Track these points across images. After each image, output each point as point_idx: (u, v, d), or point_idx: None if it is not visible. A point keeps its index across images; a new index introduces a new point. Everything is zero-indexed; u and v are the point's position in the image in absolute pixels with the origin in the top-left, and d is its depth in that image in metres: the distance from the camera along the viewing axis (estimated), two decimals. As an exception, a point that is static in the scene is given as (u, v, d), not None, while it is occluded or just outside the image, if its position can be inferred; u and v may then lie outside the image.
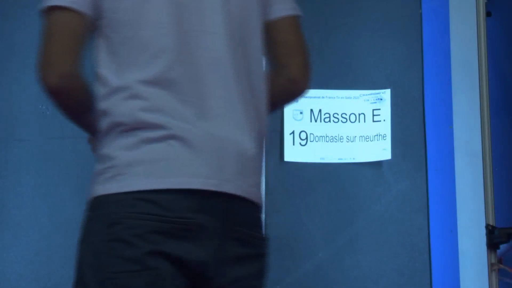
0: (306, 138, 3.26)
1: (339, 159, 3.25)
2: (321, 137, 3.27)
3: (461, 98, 3.28)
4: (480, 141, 3.23)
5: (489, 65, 3.28)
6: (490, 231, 3.14)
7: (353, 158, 3.25)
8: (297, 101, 1.90)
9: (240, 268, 1.60)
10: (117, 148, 1.59)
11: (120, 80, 1.61)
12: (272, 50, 1.80)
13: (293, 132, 3.25)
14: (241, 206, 1.60)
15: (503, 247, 3.17)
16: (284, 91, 1.80)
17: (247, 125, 1.64)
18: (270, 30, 1.79)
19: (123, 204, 1.54)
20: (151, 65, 1.60)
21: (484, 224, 3.16)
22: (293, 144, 3.25)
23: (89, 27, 1.66)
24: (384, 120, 3.27)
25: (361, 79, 3.31)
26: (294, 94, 1.82)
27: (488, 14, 3.36)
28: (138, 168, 1.55)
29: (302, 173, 3.24)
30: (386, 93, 3.29)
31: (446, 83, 3.30)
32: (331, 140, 3.26)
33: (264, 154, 1.72)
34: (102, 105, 1.63)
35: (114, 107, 1.61)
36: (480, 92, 3.26)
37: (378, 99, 3.29)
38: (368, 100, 3.29)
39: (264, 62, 1.78)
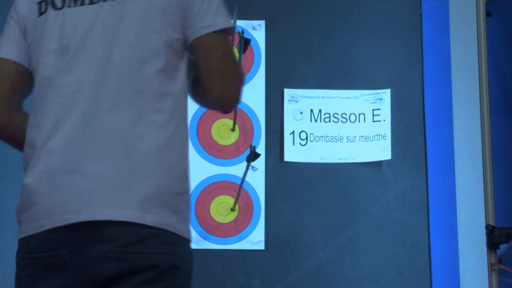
0: (306, 138, 3.26)
1: (339, 159, 3.25)
2: (321, 137, 3.27)
3: (461, 98, 3.28)
4: (480, 141, 3.23)
5: (489, 65, 3.28)
6: (490, 231, 3.14)
7: (353, 158, 3.25)
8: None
9: (122, 285, 1.68)
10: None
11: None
12: (197, 72, 1.87)
13: (293, 132, 3.25)
14: (106, 227, 1.68)
15: (503, 247, 3.18)
16: (213, 108, 1.94)
17: (113, 154, 1.71)
18: (192, 52, 1.85)
19: (19, 247, 1.82)
20: (37, 113, 1.79)
21: (484, 224, 3.17)
22: (293, 144, 3.25)
23: (28, 75, 1.89)
24: (384, 120, 3.27)
25: (361, 79, 3.31)
26: (222, 111, 1.92)
27: (488, 14, 3.36)
28: (18, 215, 1.82)
29: (302, 173, 3.24)
30: (386, 93, 3.29)
31: (446, 83, 3.29)
32: (331, 140, 3.26)
33: (152, 170, 1.74)
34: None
35: (23, 154, 1.82)
36: (480, 92, 3.26)
37: (378, 99, 3.29)
38: (368, 100, 3.29)
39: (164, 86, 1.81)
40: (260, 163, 3.19)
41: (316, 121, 3.28)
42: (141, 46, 1.78)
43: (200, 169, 3.20)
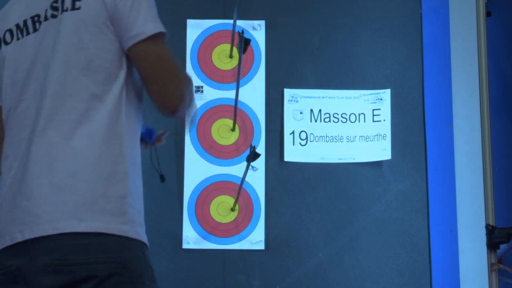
0: (306, 138, 3.26)
1: (339, 159, 3.25)
2: (321, 137, 3.27)
3: (461, 98, 3.28)
4: (480, 141, 3.23)
5: (489, 65, 3.28)
6: (490, 231, 3.15)
7: (353, 158, 3.25)
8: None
9: None
10: None
11: None
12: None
13: (293, 132, 3.26)
14: (45, 242, 1.77)
15: (503, 247, 3.18)
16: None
17: (49, 172, 1.80)
18: (131, 60, 1.90)
19: None
20: (5, 144, 1.93)
21: (484, 224, 3.17)
22: (293, 144, 3.25)
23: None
24: (384, 120, 3.27)
25: (361, 79, 3.32)
26: (167, 115, 1.94)
27: (488, 14, 3.36)
28: None
29: (302, 173, 3.24)
30: (386, 93, 3.29)
31: (446, 83, 3.30)
32: (331, 140, 3.26)
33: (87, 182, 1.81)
34: None
35: None
36: (480, 92, 3.26)
37: (378, 99, 3.29)
38: (368, 100, 3.29)
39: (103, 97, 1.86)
40: (260, 163, 3.19)
41: (316, 121, 3.28)
42: (71, 63, 1.85)
43: (200, 169, 3.20)
